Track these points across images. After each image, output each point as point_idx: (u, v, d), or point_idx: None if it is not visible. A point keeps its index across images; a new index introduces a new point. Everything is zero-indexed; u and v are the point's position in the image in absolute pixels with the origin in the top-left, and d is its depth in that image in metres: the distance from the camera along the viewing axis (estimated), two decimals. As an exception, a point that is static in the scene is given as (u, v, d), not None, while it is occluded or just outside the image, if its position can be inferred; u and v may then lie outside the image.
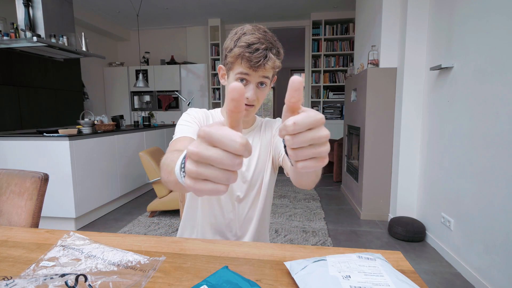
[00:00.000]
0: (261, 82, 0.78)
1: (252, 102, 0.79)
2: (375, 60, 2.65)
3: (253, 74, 0.75)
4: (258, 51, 0.72)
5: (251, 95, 0.77)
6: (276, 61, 0.76)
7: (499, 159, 1.49)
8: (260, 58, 0.72)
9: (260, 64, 0.73)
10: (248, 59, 0.73)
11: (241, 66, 0.75)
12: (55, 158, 2.38)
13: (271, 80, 0.82)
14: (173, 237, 0.74)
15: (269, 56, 0.74)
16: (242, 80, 0.77)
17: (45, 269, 0.58)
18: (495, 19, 1.54)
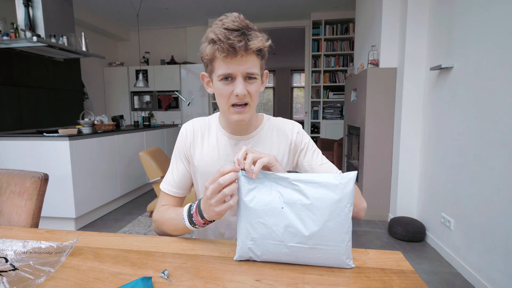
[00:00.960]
0: (249, 75, 0.67)
1: (244, 99, 0.69)
2: (375, 60, 2.65)
3: (235, 66, 0.65)
4: (234, 31, 0.63)
5: (240, 90, 0.66)
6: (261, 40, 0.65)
7: (499, 159, 1.49)
8: (236, 41, 0.62)
9: (240, 45, 0.62)
10: (228, 44, 0.62)
11: (220, 62, 0.66)
12: (55, 158, 2.38)
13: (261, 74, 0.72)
14: (173, 237, 0.75)
15: (248, 35, 0.64)
16: (227, 79, 0.67)
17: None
18: (495, 19, 1.54)
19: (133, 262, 0.62)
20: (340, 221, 0.58)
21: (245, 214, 0.61)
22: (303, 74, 8.87)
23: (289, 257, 0.60)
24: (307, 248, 0.58)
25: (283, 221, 0.58)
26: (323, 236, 0.57)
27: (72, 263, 0.62)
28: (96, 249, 0.68)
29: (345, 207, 0.58)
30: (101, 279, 0.56)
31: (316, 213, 0.57)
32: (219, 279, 0.56)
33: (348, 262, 0.59)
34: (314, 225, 0.57)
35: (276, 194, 0.60)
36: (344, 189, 0.58)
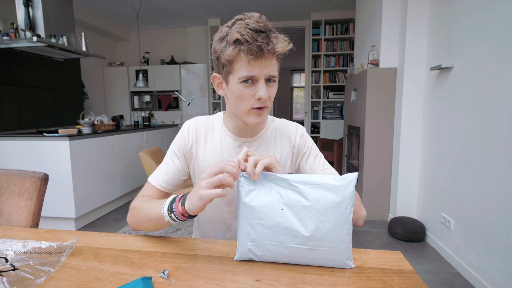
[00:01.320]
0: (269, 78, 0.66)
1: (265, 103, 0.67)
2: (375, 60, 2.65)
3: (258, 68, 0.63)
4: (260, 34, 0.61)
5: (263, 93, 0.64)
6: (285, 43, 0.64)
7: (499, 159, 1.49)
8: (264, 43, 0.60)
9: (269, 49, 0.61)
10: (249, 50, 0.60)
11: (243, 64, 0.63)
12: (55, 158, 2.38)
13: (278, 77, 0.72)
14: (173, 237, 0.74)
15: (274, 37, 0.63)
16: (247, 81, 0.65)
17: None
18: (495, 19, 1.54)
19: (133, 262, 0.62)
20: (341, 223, 0.58)
21: (245, 215, 0.61)
22: (303, 74, 8.86)
23: (289, 258, 0.60)
24: (307, 249, 0.58)
25: (282, 223, 0.58)
26: (323, 237, 0.57)
27: (72, 263, 0.62)
28: (96, 249, 0.68)
29: (345, 209, 0.58)
30: (101, 279, 0.56)
31: (316, 215, 0.57)
32: (219, 279, 0.56)
33: (348, 262, 0.59)
34: (314, 226, 0.57)
35: (276, 195, 0.60)
36: (344, 191, 0.57)
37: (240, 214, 0.62)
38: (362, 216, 0.76)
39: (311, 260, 0.60)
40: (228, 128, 0.80)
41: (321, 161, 0.82)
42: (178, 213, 0.61)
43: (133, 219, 0.75)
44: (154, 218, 0.66)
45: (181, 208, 0.61)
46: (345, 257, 0.59)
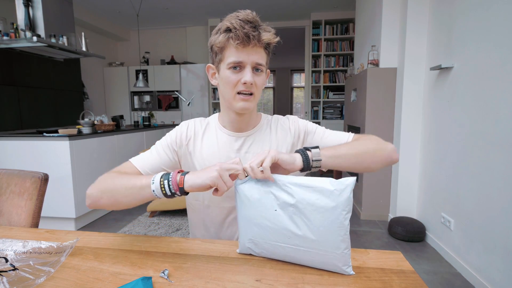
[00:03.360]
0: (256, 67, 0.71)
1: (250, 89, 0.71)
2: (375, 60, 2.65)
3: (245, 55, 0.69)
4: (247, 23, 0.67)
5: (249, 77, 0.69)
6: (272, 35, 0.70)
7: (499, 159, 1.49)
8: (251, 30, 0.67)
9: (255, 35, 0.67)
10: (236, 35, 0.66)
11: (232, 50, 0.69)
12: (55, 158, 2.38)
13: (266, 67, 0.75)
14: (173, 237, 0.74)
15: (261, 28, 0.69)
16: (235, 68, 0.70)
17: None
18: (495, 19, 1.54)
19: (133, 262, 0.62)
20: (334, 228, 0.56)
21: (243, 215, 0.62)
22: (303, 74, 8.87)
23: (287, 258, 0.61)
24: (302, 251, 0.58)
25: (277, 223, 0.58)
26: (316, 241, 0.57)
27: (72, 263, 0.62)
28: (96, 249, 0.68)
29: (340, 215, 0.56)
30: (101, 279, 0.56)
31: (309, 218, 0.57)
32: (219, 279, 0.56)
33: (345, 268, 0.57)
34: (307, 229, 0.57)
35: (271, 196, 0.59)
36: (339, 196, 0.56)
37: (238, 214, 0.63)
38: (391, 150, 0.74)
39: (308, 262, 0.60)
40: (223, 125, 0.82)
41: (326, 132, 0.85)
42: (174, 181, 0.61)
43: (101, 187, 0.69)
44: (136, 187, 0.64)
45: (179, 177, 0.61)
46: (342, 263, 0.57)
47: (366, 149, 0.73)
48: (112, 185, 0.68)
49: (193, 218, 0.88)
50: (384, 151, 0.73)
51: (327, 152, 0.67)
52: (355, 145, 0.73)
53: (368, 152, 0.72)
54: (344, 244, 0.56)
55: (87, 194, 0.70)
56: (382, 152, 0.73)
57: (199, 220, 0.85)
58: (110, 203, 0.68)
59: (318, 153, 0.65)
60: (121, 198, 0.66)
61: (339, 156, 0.68)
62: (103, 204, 0.68)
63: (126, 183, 0.66)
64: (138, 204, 0.67)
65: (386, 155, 0.73)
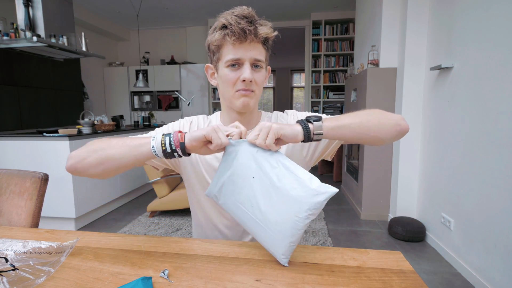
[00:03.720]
0: (255, 63, 0.69)
1: (250, 86, 0.70)
2: (375, 60, 2.65)
3: (243, 51, 0.67)
4: (243, 18, 0.66)
5: (247, 74, 0.67)
6: (269, 29, 0.68)
7: (499, 159, 1.49)
8: (247, 25, 0.65)
9: (250, 30, 0.65)
10: (232, 32, 0.65)
11: (229, 48, 0.68)
12: (55, 158, 2.38)
13: (266, 64, 0.74)
14: (173, 237, 0.74)
15: (258, 23, 0.67)
16: (234, 65, 0.69)
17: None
18: (495, 19, 1.54)
19: (133, 262, 0.62)
20: (294, 221, 0.58)
21: (223, 168, 0.64)
22: (303, 74, 8.87)
23: (240, 220, 0.65)
24: (257, 222, 0.61)
25: (249, 189, 0.61)
26: (273, 222, 0.59)
27: (72, 263, 0.62)
28: (96, 249, 0.68)
29: (305, 212, 0.57)
30: (101, 279, 0.56)
31: (278, 199, 0.59)
32: (219, 279, 0.56)
33: (283, 258, 0.60)
34: (271, 207, 0.60)
35: (254, 165, 0.61)
36: (314, 197, 0.57)
37: (220, 167, 0.65)
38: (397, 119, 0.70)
39: (255, 234, 0.63)
40: (224, 124, 0.81)
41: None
42: (176, 137, 0.61)
43: (88, 148, 0.67)
44: (133, 144, 0.63)
45: (180, 134, 0.62)
46: (283, 251, 0.59)
47: (371, 117, 0.68)
48: (105, 144, 0.66)
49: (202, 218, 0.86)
50: (391, 119, 0.69)
51: (330, 123, 0.64)
52: (359, 114, 0.69)
53: (373, 120, 0.68)
54: (294, 238, 0.59)
55: (70, 155, 0.66)
56: (389, 120, 0.69)
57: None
58: (97, 162, 0.64)
59: (320, 126, 0.63)
60: (114, 153, 0.63)
61: (342, 126, 0.65)
62: (88, 163, 0.64)
63: (122, 140, 0.65)
64: (129, 164, 0.64)
65: (394, 123, 0.68)
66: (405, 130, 0.69)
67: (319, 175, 4.56)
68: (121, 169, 0.66)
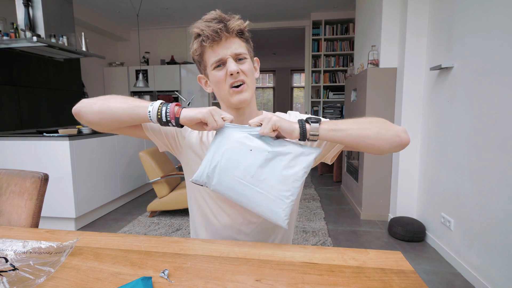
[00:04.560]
0: (238, 56, 0.72)
1: (239, 77, 0.72)
2: (375, 60, 2.65)
3: (222, 50, 0.70)
4: (212, 21, 0.69)
5: (232, 67, 0.70)
6: (240, 21, 0.71)
7: (499, 159, 1.49)
8: (216, 26, 0.68)
9: (221, 29, 0.68)
10: (206, 36, 0.68)
11: (209, 52, 0.71)
12: (55, 158, 2.38)
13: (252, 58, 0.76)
14: (173, 237, 0.74)
15: (226, 20, 0.70)
16: (219, 66, 0.72)
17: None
18: (495, 19, 1.54)
19: (133, 262, 0.62)
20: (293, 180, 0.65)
21: (215, 148, 0.67)
22: (303, 74, 8.87)
23: (238, 196, 0.67)
24: (258, 191, 0.65)
25: (247, 161, 0.65)
26: (274, 186, 0.65)
27: (72, 263, 0.62)
28: (96, 249, 0.68)
29: (301, 170, 0.65)
30: (101, 279, 0.56)
31: (276, 164, 0.65)
32: (219, 279, 0.56)
33: (285, 219, 0.65)
34: (271, 173, 0.65)
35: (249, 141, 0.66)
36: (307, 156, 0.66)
37: (210, 148, 0.68)
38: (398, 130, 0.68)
39: (256, 205, 0.66)
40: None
41: None
42: (172, 110, 0.65)
43: (99, 97, 0.72)
44: (133, 104, 0.68)
45: (177, 108, 0.66)
46: (284, 213, 0.65)
47: (371, 126, 0.68)
48: (112, 97, 0.72)
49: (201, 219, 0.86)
50: (391, 130, 0.68)
51: (327, 126, 0.66)
52: (359, 121, 0.69)
53: (372, 129, 0.67)
54: (294, 196, 0.65)
55: (81, 100, 0.72)
56: (389, 131, 0.67)
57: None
58: (97, 110, 0.69)
59: (316, 128, 0.65)
60: (113, 106, 0.69)
61: (339, 130, 0.66)
62: (90, 109, 0.70)
63: (126, 98, 0.71)
64: (122, 121, 0.70)
65: (393, 134, 0.67)
66: (405, 142, 0.68)
67: (319, 175, 4.57)
68: (114, 123, 0.71)
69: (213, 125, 0.64)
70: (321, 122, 0.67)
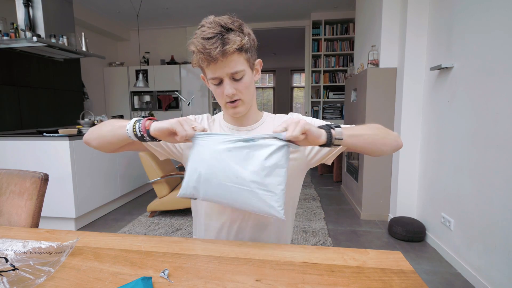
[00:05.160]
0: (234, 75, 0.71)
1: (234, 98, 0.74)
2: (375, 60, 2.65)
3: (219, 70, 0.69)
4: (210, 40, 0.66)
5: (227, 90, 0.72)
6: (237, 40, 0.67)
7: (499, 159, 1.49)
8: (212, 49, 0.66)
9: (217, 53, 0.66)
10: (204, 56, 0.67)
11: (207, 69, 0.71)
12: (55, 158, 2.38)
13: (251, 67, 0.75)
14: (173, 237, 0.75)
15: (225, 39, 0.67)
16: (219, 84, 0.73)
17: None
18: (495, 19, 1.54)
19: (133, 262, 0.62)
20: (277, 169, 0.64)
21: (194, 159, 0.67)
22: (303, 74, 8.87)
23: (229, 200, 0.66)
24: (247, 190, 0.64)
25: (229, 164, 0.64)
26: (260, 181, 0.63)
27: (72, 263, 0.62)
28: (96, 249, 0.68)
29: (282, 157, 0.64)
30: (101, 279, 0.56)
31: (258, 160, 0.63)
32: (219, 279, 0.56)
33: (279, 210, 0.64)
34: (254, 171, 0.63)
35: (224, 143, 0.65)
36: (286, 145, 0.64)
37: (189, 160, 0.67)
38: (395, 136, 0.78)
39: (248, 203, 0.65)
40: (226, 121, 0.87)
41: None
42: (143, 125, 0.68)
43: (95, 130, 0.79)
44: (117, 125, 0.72)
45: (148, 122, 0.68)
46: (278, 203, 0.63)
47: (378, 132, 0.76)
48: (104, 123, 0.78)
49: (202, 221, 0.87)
50: (392, 135, 0.78)
51: (347, 131, 0.69)
52: (369, 127, 0.76)
53: (380, 134, 0.75)
54: (283, 184, 0.64)
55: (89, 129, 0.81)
56: (391, 136, 0.77)
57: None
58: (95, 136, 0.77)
59: (340, 132, 0.67)
60: (103, 130, 0.75)
61: (359, 135, 0.71)
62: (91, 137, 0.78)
63: (114, 122, 0.75)
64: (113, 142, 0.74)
65: (393, 139, 0.76)
66: (401, 146, 0.79)
67: (319, 175, 4.57)
68: (110, 146, 0.76)
69: (182, 133, 0.64)
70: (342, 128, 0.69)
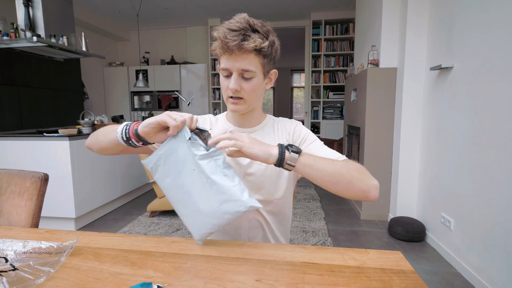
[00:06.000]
0: (244, 72, 0.71)
1: (237, 94, 0.73)
2: (375, 60, 2.65)
3: (231, 62, 0.70)
4: (233, 31, 0.67)
5: (232, 84, 0.71)
6: (257, 41, 0.67)
7: (499, 159, 1.49)
8: (232, 40, 0.66)
9: (234, 45, 0.66)
10: (224, 43, 0.67)
11: (223, 57, 0.71)
12: (55, 158, 2.38)
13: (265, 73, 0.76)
14: (173, 237, 0.74)
15: (247, 35, 0.67)
16: (227, 76, 0.73)
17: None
18: (495, 19, 1.54)
19: (133, 262, 0.62)
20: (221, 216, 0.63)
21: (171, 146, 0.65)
22: (303, 74, 8.87)
23: (171, 199, 0.68)
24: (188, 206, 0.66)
25: (187, 178, 0.64)
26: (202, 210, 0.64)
27: (72, 263, 0.62)
28: (96, 249, 0.68)
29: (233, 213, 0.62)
30: (101, 279, 0.56)
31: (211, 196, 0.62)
32: (219, 279, 0.56)
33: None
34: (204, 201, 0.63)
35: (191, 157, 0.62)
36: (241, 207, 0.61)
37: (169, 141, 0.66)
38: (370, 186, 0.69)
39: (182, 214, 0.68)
40: (229, 121, 0.88)
41: (320, 147, 0.81)
42: (132, 126, 0.66)
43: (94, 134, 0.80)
44: (110, 129, 0.72)
45: (135, 124, 0.66)
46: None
47: (347, 173, 0.67)
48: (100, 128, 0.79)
49: None
50: (365, 184, 0.68)
51: (306, 160, 0.65)
52: (338, 165, 0.68)
53: (346, 177, 0.66)
54: (217, 226, 0.65)
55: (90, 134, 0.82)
56: (362, 184, 0.67)
57: None
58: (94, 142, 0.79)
59: (295, 158, 0.63)
60: (99, 136, 0.76)
61: (315, 168, 0.65)
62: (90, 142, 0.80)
63: (109, 127, 0.75)
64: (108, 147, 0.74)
65: (364, 189, 0.67)
66: (372, 199, 0.69)
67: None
68: (108, 150, 0.76)
69: (173, 123, 0.60)
70: (301, 154, 0.65)
